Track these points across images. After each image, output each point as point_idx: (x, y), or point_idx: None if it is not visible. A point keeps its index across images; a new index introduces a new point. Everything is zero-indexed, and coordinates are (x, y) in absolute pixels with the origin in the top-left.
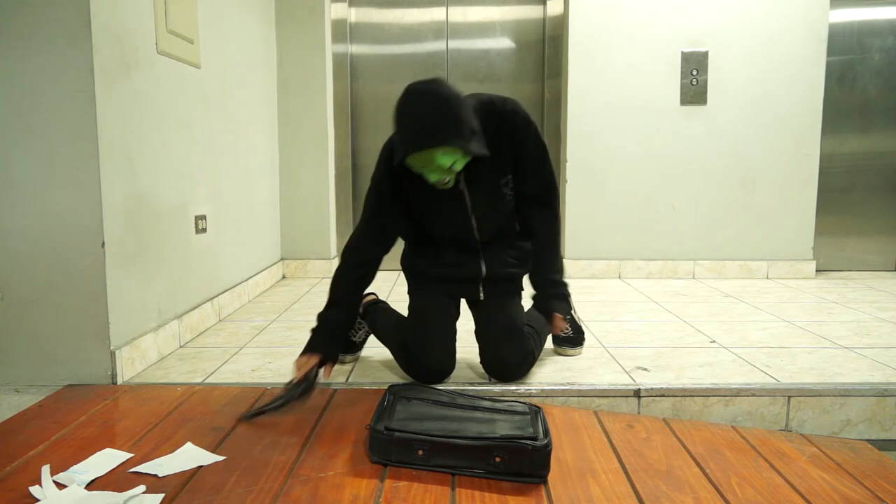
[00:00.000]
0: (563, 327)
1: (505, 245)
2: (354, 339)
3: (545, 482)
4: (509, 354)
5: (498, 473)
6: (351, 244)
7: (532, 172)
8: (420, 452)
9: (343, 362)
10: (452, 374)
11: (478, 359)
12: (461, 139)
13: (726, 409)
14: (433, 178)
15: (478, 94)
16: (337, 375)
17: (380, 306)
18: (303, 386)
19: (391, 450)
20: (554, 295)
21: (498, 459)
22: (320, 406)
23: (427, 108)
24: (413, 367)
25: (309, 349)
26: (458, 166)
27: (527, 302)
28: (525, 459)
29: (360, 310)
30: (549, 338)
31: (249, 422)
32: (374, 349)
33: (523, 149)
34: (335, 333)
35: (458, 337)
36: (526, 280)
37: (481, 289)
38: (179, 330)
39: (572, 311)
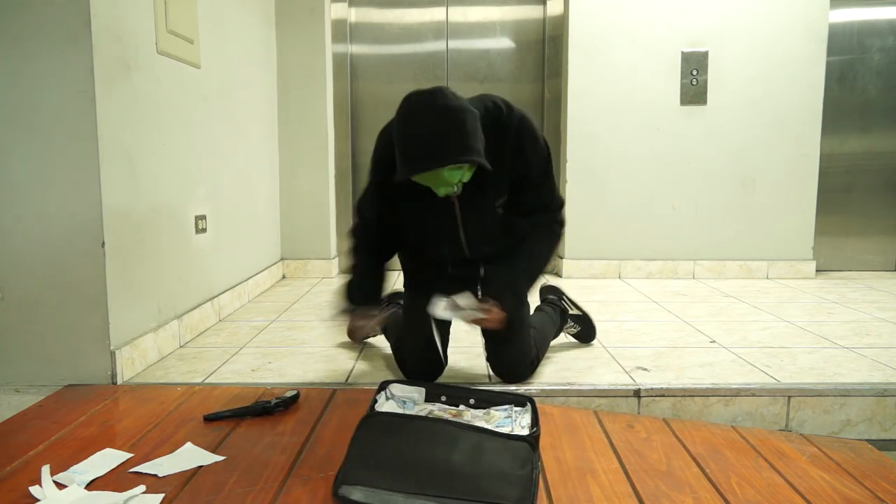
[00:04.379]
0: (491, 319)
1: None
2: (371, 336)
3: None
4: (515, 356)
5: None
6: (357, 233)
7: (531, 189)
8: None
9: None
10: (454, 373)
11: (478, 357)
12: (469, 154)
13: (726, 409)
14: (442, 192)
15: (483, 97)
16: (337, 375)
17: (394, 315)
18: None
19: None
20: (506, 285)
21: None
22: (320, 406)
23: (431, 125)
24: (406, 365)
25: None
26: (466, 177)
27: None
28: None
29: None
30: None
31: (249, 421)
32: (375, 349)
33: (526, 168)
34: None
35: (457, 336)
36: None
37: (479, 288)
38: (179, 330)
39: (570, 308)
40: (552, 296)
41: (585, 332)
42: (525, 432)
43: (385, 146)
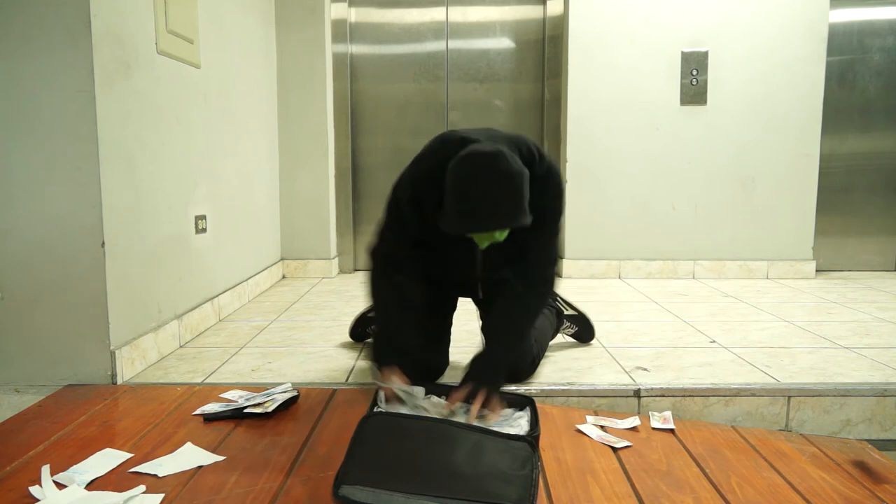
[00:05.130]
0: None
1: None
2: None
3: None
4: (517, 356)
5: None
6: (387, 255)
7: (536, 238)
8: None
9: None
10: (454, 373)
11: None
12: (523, 219)
13: (726, 409)
14: (485, 244)
15: (517, 140)
16: (337, 375)
17: None
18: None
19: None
20: (484, 376)
21: None
22: (320, 406)
23: (493, 190)
24: (406, 365)
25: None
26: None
27: None
28: None
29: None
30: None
31: (249, 421)
32: None
33: (544, 209)
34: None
35: (458, 336)
36: None
37: (480, 288)
38: (179, 330)
39: (565, 309)
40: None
41: (583, 332)
42: (525, 432)
43: (437, 167)
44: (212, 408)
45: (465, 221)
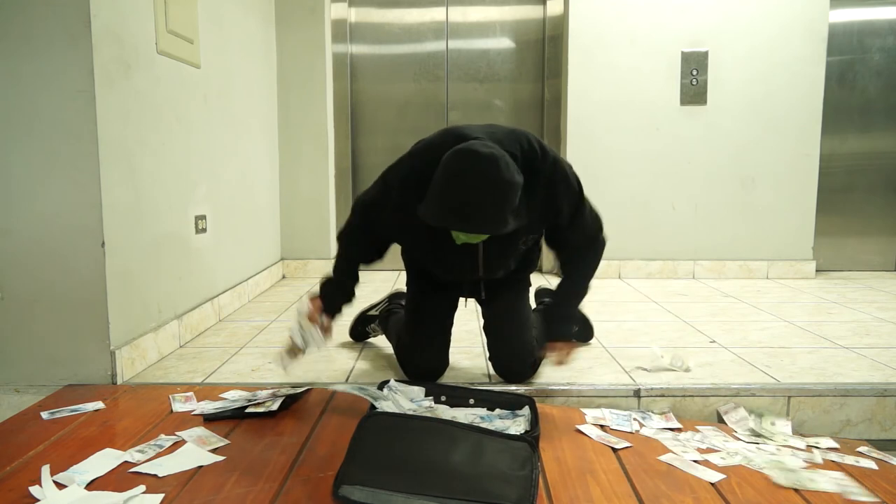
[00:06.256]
0: (552, 355)
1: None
2: (372, 337)
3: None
4: (518, 356)
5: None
6: (346, 240)
7: (571, 228)
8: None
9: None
10: (454, 373)
11: (478, 357)
12: (501, 228)
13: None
14: (461, 241)
15: (516, 134)
16: (337, 375)
17: (396, 315)
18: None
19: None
20: (560, 319)
21: None
22: (320, 406)
23: (477, 194)
24: (407, 365)
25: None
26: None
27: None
28: None
29: (378, 315)
30: None
31: (249, 422)
32: (375, 349)
33: (558, 214)
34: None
35: (458, 336)
36: (534, 277)
37: (483, 288)
38: (179, 330)
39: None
40: (548, 298)
41: (583, 331)
42: (525, 432)
43: (426, 167)
44: (212, 407)
45: (444, 216)
